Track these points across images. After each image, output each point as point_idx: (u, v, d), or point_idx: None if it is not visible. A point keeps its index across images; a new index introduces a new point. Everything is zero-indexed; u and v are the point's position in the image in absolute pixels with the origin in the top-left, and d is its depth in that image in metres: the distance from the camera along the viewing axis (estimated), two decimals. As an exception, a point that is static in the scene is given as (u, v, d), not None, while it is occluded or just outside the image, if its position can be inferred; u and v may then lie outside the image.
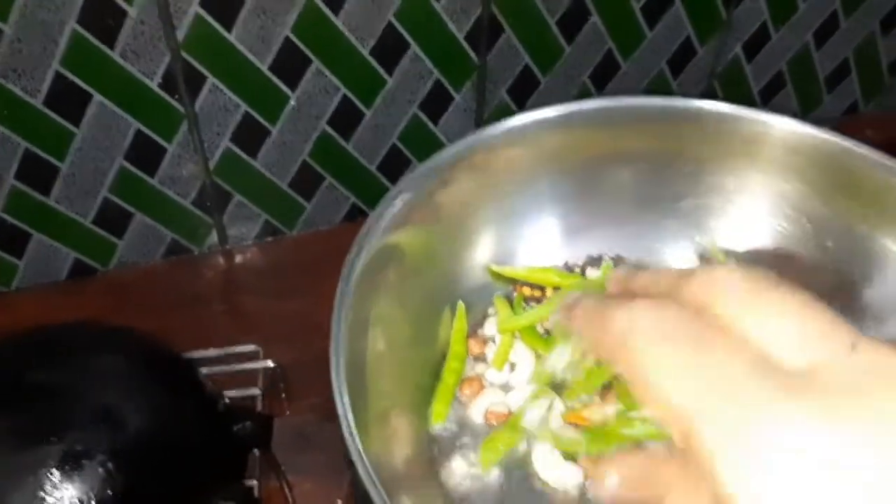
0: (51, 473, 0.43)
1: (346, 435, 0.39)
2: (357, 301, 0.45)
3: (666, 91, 0.80)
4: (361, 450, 0.39)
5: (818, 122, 0.81)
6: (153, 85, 0.62)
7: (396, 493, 0.41)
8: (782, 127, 0.56)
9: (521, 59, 0.72)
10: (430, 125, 0.73)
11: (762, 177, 0.56)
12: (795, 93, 0.86)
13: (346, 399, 0.40)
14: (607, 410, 0.50)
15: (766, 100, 0.86)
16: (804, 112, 0.88)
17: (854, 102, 0.90)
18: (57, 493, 0.43)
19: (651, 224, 0.59)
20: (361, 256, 0.47)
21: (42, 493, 0.42)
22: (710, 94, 0.82)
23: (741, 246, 0.58)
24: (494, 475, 0.49)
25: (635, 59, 0.76)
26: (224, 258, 0.76)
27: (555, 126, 0.55)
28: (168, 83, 0.62)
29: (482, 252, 0.57)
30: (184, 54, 0.61)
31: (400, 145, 0.73)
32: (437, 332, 0.54)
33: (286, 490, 0.57)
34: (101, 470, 0.44)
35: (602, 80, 0.76)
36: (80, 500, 0.43)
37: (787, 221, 0.57)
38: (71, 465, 0.44)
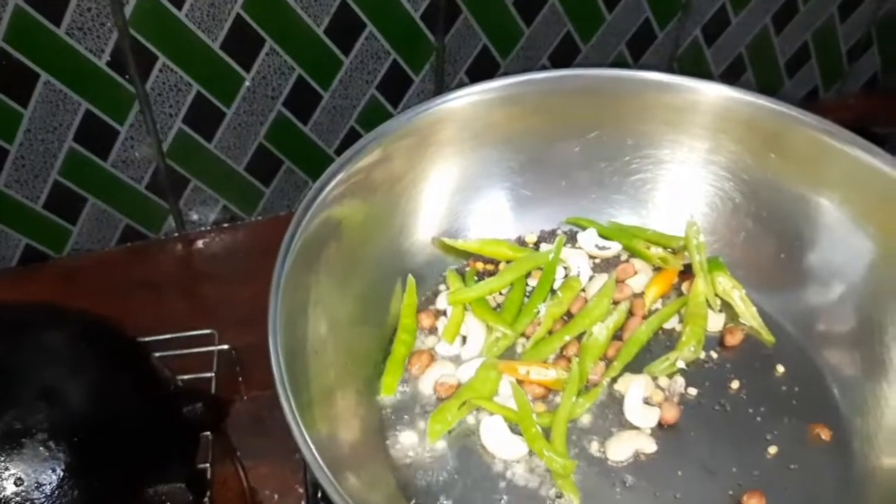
0: (-12, 451, 0.41)
1: (289, 419, 0.39)
2: (296, 281, 0.44)
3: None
4: (305, 433, 0.38)
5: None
6: (101, 63, 0.60)
7: (343, 471, 0.40)
8: (713, 93, 0.56)
9: (480, 40, 0.71)
10: (389, 107, 0.72)
11: (705, 146, 0.57)
12: (755, 77, 0.86)
13: (286, 381, 0.39)
14: (549, 373, 0.50)
15: (728, 84, 0.86)
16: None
17: (815, 88, 0.91)
18: (-5, 471, 0.41)
19: (603, 198, 0.58)
20: (298, 235, 0.46)
21: (-22, 471, 0.41)
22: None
23: (684, 217, 0.58)
24: (443, 447, 0.49)
25: (595, 41, 0.75)
26: (182, 244, 0.74)
27: (493, 101, 0.55)
28: (117, 62, 0.61)
29: (433, 226, 0.56)
30: (132, 31, 0.59)
31: (359, 128, 0.72)
32: (388, 308, 0.54)
33: (241, 473, 0.56)
34: (41, 448, 0.42)
35: (562, 62, 0.76)
36: (19, 479, 0.42)
37: (733, 191, 0.57)
38: (10, 444, 0.42)
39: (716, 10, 0.78)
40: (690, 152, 0.57)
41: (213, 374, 0.59)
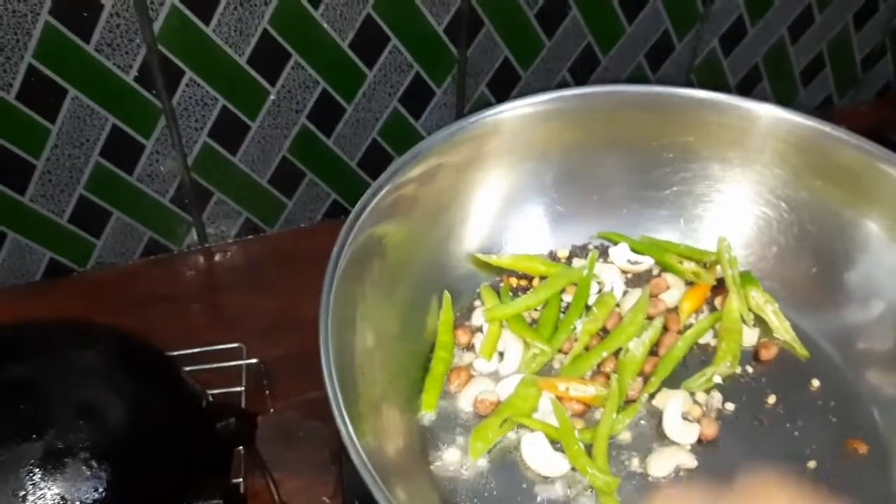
0: (32, 472, 0.41)
1: (340, 426, 0.39)
2: (343, 295, 0.45)
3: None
4: (356, 440, 0.38)
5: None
6: (129, 79, 0.60)
7: (389, 485, 0.40)
8: (765, 114, 0.56)
9: (501, 52, 0.71)
10: (411, 120, 0.73)
11: (745, 163, 0.57)
12: (771, 86, 0.86)
13: (339, 393, 0.39)
14: (588, 390, 0.50)
15: (743, 93, 0.86)
16: (780, 105, 0.89)
17: (829, 96, 0.91)
18: (38, 492, 0.41)
19: (636, 213, 0.59)
20: (346, 251, 0.46)
21: (23, 492, 0.41)
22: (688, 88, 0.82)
23: (724, 233, 0.58)
24: (484, 464, 0.49)
25: (614, 53, 0.76)
26: (204, 257, 0.74)
27: (536, 115, 0.55)
28: (144, 77, 0.61)
29: (468, 242, 0.56)
30: (160, 48, 0.60)
31: (381, 140, 0.73)
32: (425, 323, 0.54)
33: (272, 487, 0.56)
34: (83, 467, 0.43)
35: (582, 74, 0.76)
36: (62, 499, 0.42)
37: (769, 207, 0.57)
38: (52, 464, 0.42)
39: (733, 21, 0.79)
40: (725, 168, 0.57)
41: (243, 389, 0.60)
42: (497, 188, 0.56)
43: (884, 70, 0.92)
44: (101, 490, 0.43)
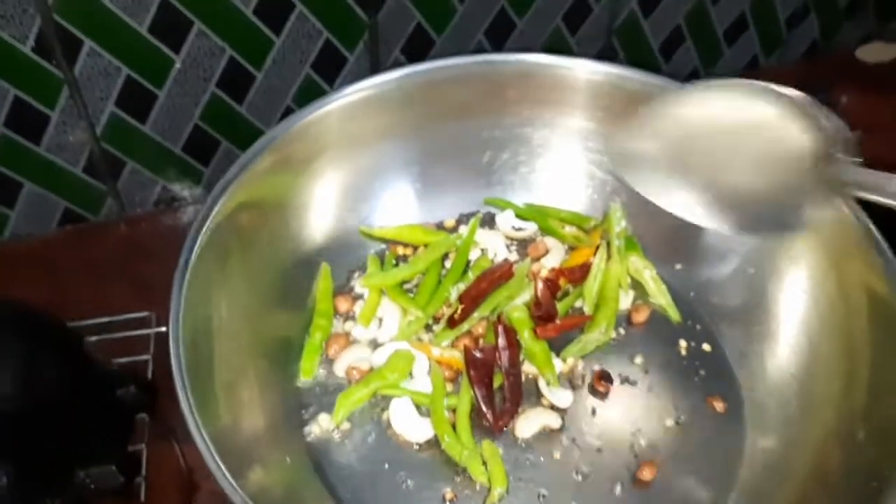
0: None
1: (185, 410, 0.40)
2: (203, 268, 0.45)
3: (564, 49, 0.80)
4: (200, 424, 0.39)
5: (720, 76, 0.83)
6: (27, 50, 0.60)
7: (250, 461, 0.42)
8: (582, 69, 0.58)
9: (413, 17, 0.71)
10: (326, 86, 0.73)
11: (572, 121, 0.58)
12: (695, 47, 0.87)
13: (185, 375, 0.40)
14: (456, 354, 0.52)
15: (668, 56, 0.87)
16: (705, 66, 0.89)
17: (755, 56, 0.91)
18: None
19: (519, 180, 0.60)
20: (207, 225, 0.47)
21: None
22: (608, 52, 0.83)
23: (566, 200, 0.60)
24: (353, 428, 0.50)
25: (530, 16, 0.76)
26: (124, 225, 0.75)
27: (368, 101, 0.57)
28: (42, 48, 0.60)
29: (352, 214, 0.57)
30: (55, 17, 0.59)
31: (295, 108, 0.73)
32: (310, 291, 0.55)
33: (177, 451, 0.57)
34: (-33, 434, 0.44)
35: (498, 38, 0.76)
36: (-55, 466, 0.43)
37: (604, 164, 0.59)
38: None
39: (652, -18, 0.79)
40: (566, 131, 0.58)
41: (150, 357, 0.60)
42: (360, 166, 0.57)
43: (809, 30, 0.92)
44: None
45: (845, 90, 0.90)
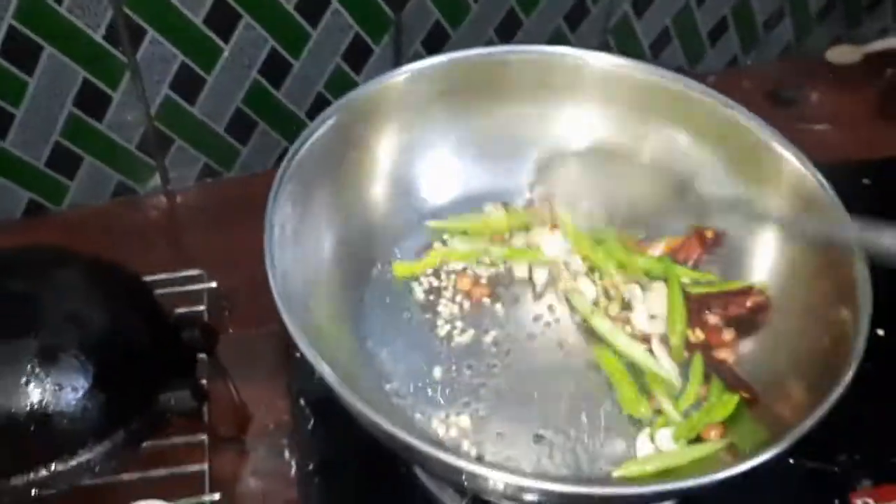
0: (32, 362, 0.51)
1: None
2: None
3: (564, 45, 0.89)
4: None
5: (703, 74, 0.92)
6: (98, 37, 0.68)
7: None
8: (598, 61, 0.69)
9: (433, 14, 0.80)
10: (353, 75, 0.81)
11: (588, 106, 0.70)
12: (682, 47, 0.96)
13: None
14: None
15: (656, 54, 0.95)
16: (690, 64, 0.98)
17: (734, 56, 1.00)
18: (37, 381, 0.51)
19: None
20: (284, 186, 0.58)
21: (25, 379, 0.50)
22: (604, 49, 0.91)
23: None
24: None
25: (535, 15, 0.85)
26: (167, 198, 0.83)
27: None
28: (111, 36, 0.69)
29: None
30: (125, 9, 0.67)
31: (326, 94, 0.81)
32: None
33: (232, 388, 0.65)
34: (73, 360, 0.52)
35: (507, 34, 0.85)
36: (58, 385, 0.51)
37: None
38: (48, 357, 0.51)
39: (643, -13, 0.88)
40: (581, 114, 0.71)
41: (204, 308, 0.69)
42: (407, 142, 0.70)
43: (784, 32, 1.01)
44: (89, 378, 0.52)
45: (815, 88, 0.97)
